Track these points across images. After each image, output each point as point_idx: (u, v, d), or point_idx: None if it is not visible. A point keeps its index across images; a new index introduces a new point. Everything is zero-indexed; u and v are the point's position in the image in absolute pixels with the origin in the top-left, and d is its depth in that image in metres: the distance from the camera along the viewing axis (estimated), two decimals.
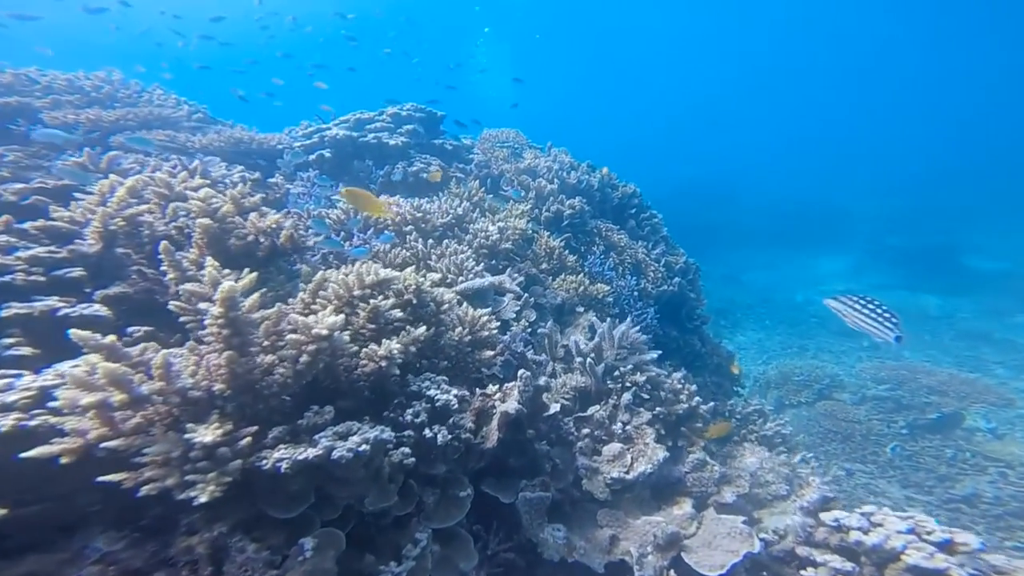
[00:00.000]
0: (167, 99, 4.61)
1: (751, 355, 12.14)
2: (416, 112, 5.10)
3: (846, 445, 7.56)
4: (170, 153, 3.44)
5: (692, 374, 5.34)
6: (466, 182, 4.61)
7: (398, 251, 3.25)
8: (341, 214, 3.39)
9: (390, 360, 1.73)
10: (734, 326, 13.92)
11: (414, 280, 2.33)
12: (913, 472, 6.90)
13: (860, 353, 11.18)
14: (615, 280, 4.62)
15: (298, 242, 2.17)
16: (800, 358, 11.57)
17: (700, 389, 5.34)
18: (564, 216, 4.75)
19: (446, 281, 3.21)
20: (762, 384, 9.58)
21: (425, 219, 3.55)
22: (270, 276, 2.04)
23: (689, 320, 5.35)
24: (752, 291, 15.73)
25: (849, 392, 8.77)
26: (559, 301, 4.01)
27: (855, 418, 7.95)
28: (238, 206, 2.06)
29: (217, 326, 1.33)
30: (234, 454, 1.24)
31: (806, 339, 12.48)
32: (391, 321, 2.10)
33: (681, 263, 5.25)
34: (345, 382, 1.73)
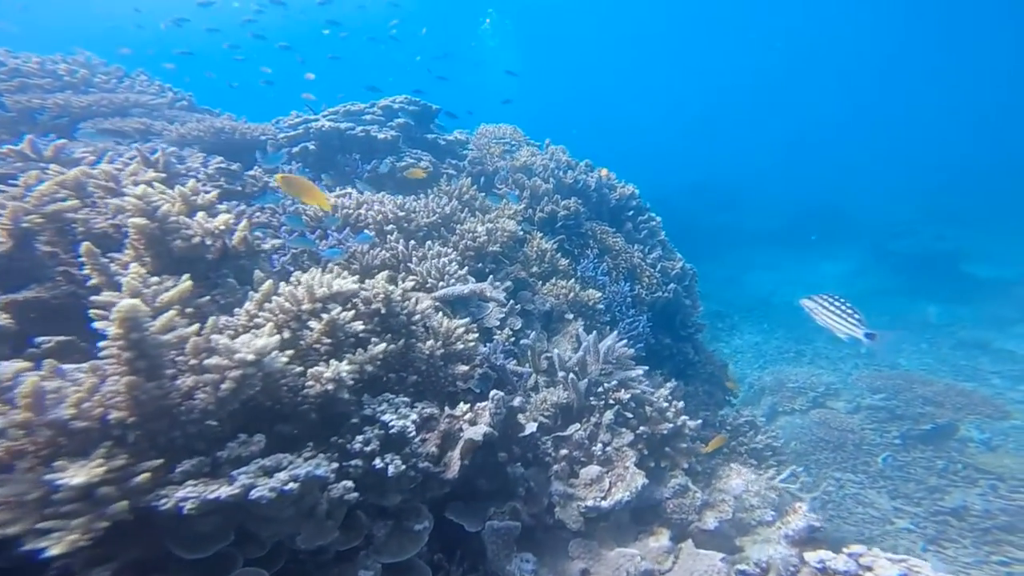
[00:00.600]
0: (150, 85, 4.40)
1: (747, 359, 11.92)
2: (409, 105, 4.86)
3: (838, 454, 7.36)
4: (143, 142, 3.24)
5: (684, 383, 5.14)
6: (458, 179, 4.38)
7: (376, 252, 3.04)
8: (319, 210, 3.18)
9: (338, 383, 1.53)
10: (732, 329, 13.67)
11: (383, 288, 2.12)
12: (903, 483, 6.70)
13: (856, 360, 10.93)
14: (608, 286, 4.40)
15: (253, 245, 1.96)
16: (796, 363, 11.33)
17: (692, 398, 5.15)
18: (558, 217, 4.51)
19: (426, 286, 3.00)
20: (757, 390, 9.36)
21: (409, 218, 3.33)
22: (221, 282, 1.84)
23: (683, 328, 5.13)
24: (752, 294, 15.44)
25: (844, 400, 8.55)
26: (548, 307, 3.80)
27: (848, 427, 7.74)
28: (188, 204, 1.85)
29: (117, 348, 1.14)
30: (122, 493, 1.06)
31: (803, 344, 12.23)
32: (352, 335, 1.90)
33: (678, 269, 5.02)
34: (288, 405, 1.54)
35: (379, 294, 2.11)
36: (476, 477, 2.27)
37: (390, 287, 2.14)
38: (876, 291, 13.81)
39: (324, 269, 2.48)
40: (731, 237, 19.02)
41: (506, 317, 3.30)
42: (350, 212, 3.24)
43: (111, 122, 3.29)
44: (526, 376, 2.96)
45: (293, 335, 1.63)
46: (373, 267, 3.01)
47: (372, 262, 2.99)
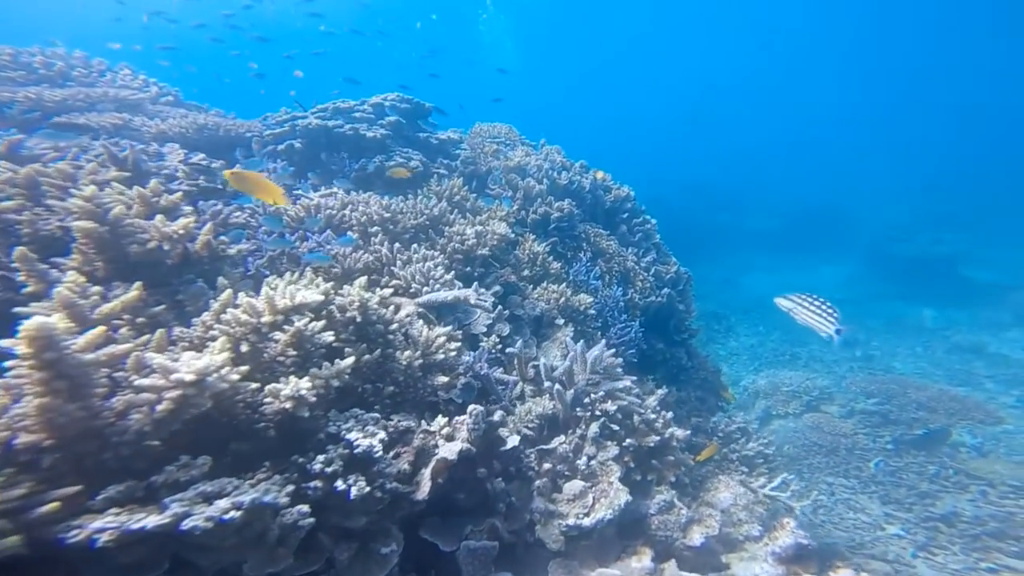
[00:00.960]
0: (134, 80, 4.26)
1: (743, 361, 11.80)
2: (400, 103, 4.72)
3: (830, 459, 7.25)
4: (120, 138, 3.11)
5: (677, 388, 5.02)
6: (449, 179, 4.25)
7: (359, 255, 2.91)
8: (300, 211, 3.05)
9: (298, 401, 1.41)
10: (728, 331, 13.56)
11: (358, 296, 2.00)
12: (894, 488, 6.59)
13: (852, 364, 10.84)
14: (600, 290, 4.27)
15: (217, 250, 1.84)
16: (791, 366, 11.22)
17: (684, 403, 5.03)
18: (552, 219, 4.39)
19: (409, 291, 2.88)
20: (751, 393, 9.25)
21: (395, 220, 3.20)
22: (184, 289, 1.72)
23: (677, 332, 5.01)
24: (749, 295, 15.30)
25: (838, 405, 8.44)
26: (538, 312, 3.67)
27: (842, 431, 7.64)
28: (148, 206, 1.72)
29: (27, 368, 1.02)
30: (18, 525, 0.94)
31: (799, 346, 12.12)
32: (323, 346, 1.78)
33: (672, 273, 4.89)
34: (245, 422, 1.43)
35: (354, 302, 1.99)
36: (454, 492, 2.16)
37: (366, 295, 2.02)
38: (874, 295, 13.67)
39: (300, 274, 2.35)
40: (729, 238, 18.85)
41: (494, 323, 3.18)
42: (334, 213, 3.12)
43: (86, 117, 3.15)
44: (512, 385, 2.84)
45: (253, 347, 1.51)
46: (356, 270, 2.88)
47: (355, 265, 2.86)
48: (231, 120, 4.01)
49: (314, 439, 1.62)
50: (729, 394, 5.01)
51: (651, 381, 4.64)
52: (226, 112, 5.09)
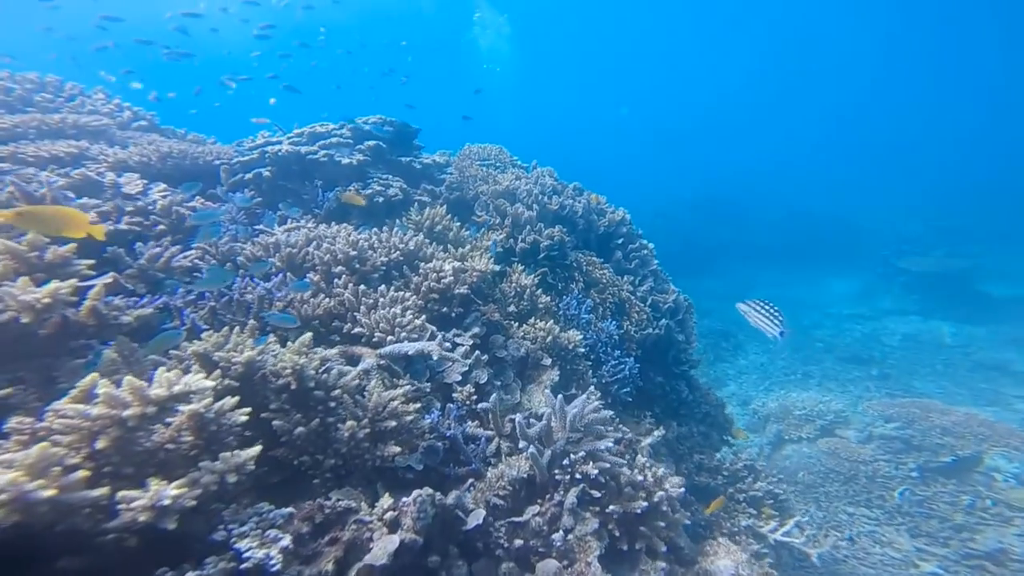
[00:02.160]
0: (107, 104, 4.12)
1: (753, 380, 11.40)
2: (384, 125, 4.52)
3: (849, 487, 6.83)
4: (74, 168, 2.92)
5: (678, 423, 4.70)
6: (431, 207, 4.02)
7: (319, 301, 2.68)
8: (258, 250, 2.83)
9: (160, 512, 1.15)
10: (736, 349, 13.16)
11: (290, 362, 1.76)
12: (925, 520, 6.16)
13: (867, 383, 10.38)
14: (592, 324, 4.00)
15: (107, 316, 1.60)
16: (803, 387, 10.79)
17: (686, 439, 4.70)
18: (541, 247, 4.13)
19: (372, 340, 2.63)
20: (761, 416, 8.86)
21: (363, 258, 2.96)
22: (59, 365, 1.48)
23: (676, 364, 4.70)
24: None
25: (855, 429, 8.01)
26: (523, 353, 3.40)
27: (860, 458, 7.21)
28: (21, 263, 1.50)
29: None
30: None
31: (811, 365, 11.69)
32: (234, 426, 1.53)
33: (670, 302, 4.60)
34: (87, 534, 1.17)
35: (286, 368, 1.74)
36: None
37: (301, 360, 1.77)
38: (887, 311, 13.20)
39: (243, 329, 2.11)
40: (736, 253, 18.43)
41: (471, 369, 2.92)
42: (295, 252, 2.89)
43: (37, 146, 2.98)
44: (486, 442, 2.57)
45: (120, 440, 1.25)
46: (315, 317, 2.65)
47: (313, 312, 2.62)
48: (199, 147, 3.83)
49: (198, 545, 1.36)
50: (742, 434, 4.70)
51: (648, 417, 4.34)
52: (207, 136, 4.95)
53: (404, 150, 4.85)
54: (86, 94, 4.55)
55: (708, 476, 4.60)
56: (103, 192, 3.14)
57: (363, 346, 2.64)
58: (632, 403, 4.13)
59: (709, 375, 11.29)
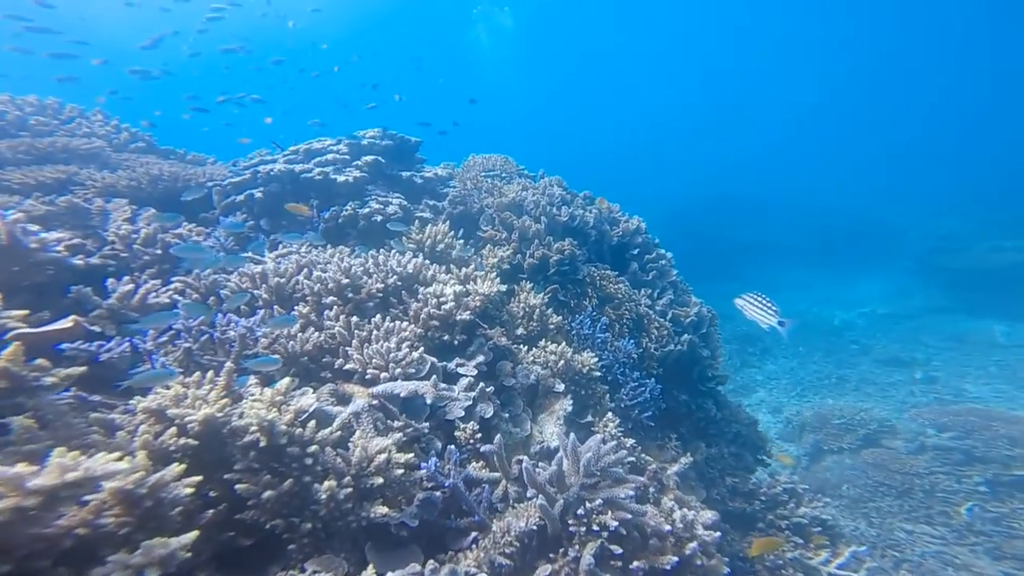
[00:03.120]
0: (104, 126, 4.08)
1: (783, 386, 10.91)
2: (382, 139, 4.36)
3: (904, 502, 6.30)
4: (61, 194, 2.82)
5: (706, 444, 4.38)
6: (433, 224, 3.83)
7: (308, 335, 2.49)
8: (245, 281, 2.66)
9: None
10: (763, 353, 12.66)
11: (256, 419, 1.56)
12: (1007, 540, 5.63)
13: (912, 387, 9.74)
14: (608, 343, 3.74)
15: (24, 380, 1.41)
16: (839, 392, 10.25)
17: (716, 461, 4.38)
18: (551, 263, 3.89)
19: (365, 377, 2.43)
20: (796, 426, 8.39)
21: (356, 286, 2.77)
22: None
23: (702, 381, 4.39)
24: (784, 313, 14.34)
25: (903, 439, 7.45)
26: (533, 380, 3.16)
27: (913, 470, 6.66)
28: None
29: None
30: None
31: (846, 368, 11.12)
32: (177, 499, 1.33)
33: (692, 315, 4.30)
34: None
35: (251, 426, 1.54)
36: None
37: (268, 416, 1.57)
38: (929, 309, 12.47)
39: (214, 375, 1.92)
40: (757, 254, 17.81)
41: (475, 403, 2.69)
42: (284, 281, 2.71)
43: (23, 172, 2.90)
44: (489, 490, 2.34)
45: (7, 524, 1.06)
46: (304, 354, 2.46)
47: (302, 348, 2.43)
48: (191, 169, 3.72)
49: None
50: (786, 459, 4.39)
51: (674, 440, 4.03)
52: (208, 157, 4.88)
53: (405, 164, 4.68)
54: (84, 115, 4.52)
55: (743, 501, 4.26)
56: (90, 219, 3.03)
57: (356, 383, 2.44)
58: (655, 425, 3.86)
59: (736, 381, 10.81)
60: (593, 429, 3.31)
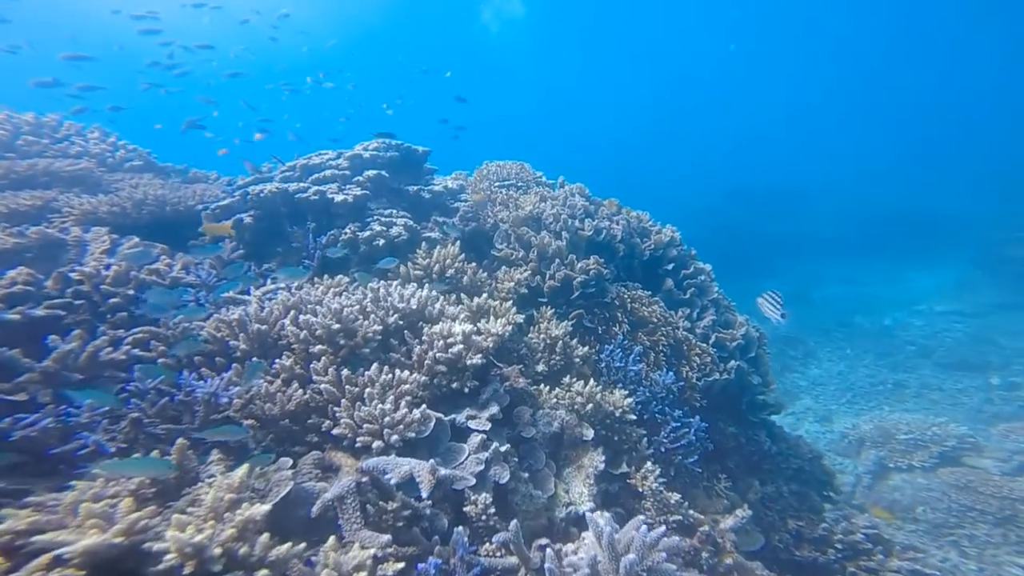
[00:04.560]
0: (101, 143, 3.88)
1: (831, 392, 10.12)
2: (385, 151, 3.99)
3: (1008, 531, 5.51)
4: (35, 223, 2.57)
5: (760, 481, 3.89)
6: (443, 244, 3.45)
7: (291, 393, 2.13)
8: (222, 329, 2.32)
9: None
10: (807, 356, 11.84)
11: (177, 544, 1.19)
12: None
13: (989, 395, 8.75)
14: (643, 377, 3.28)
15: None
16: (897, 399, 9.40)
17: (774, 501, 3.86)
18: (574, 285, 3.46)
19: (355, 445, 2.06)
20: (852, 441, 7.65)
21: (349, 331, 2.41)
22: None
23: (752, 411, 3.89)
24: (827, 312, 13.38)
25: (992, 458, 6.56)
26: (556, 427, 2.74)
27: (1014, 494, 5.83)
28: None
29: None
30: None
31: (902, 372, 10.22)
32: None
33: (739, 337, 3.79)
34: None
35: (171, 555, 1.18)
36: None
37: (199, 540, 1.20)
38: (999, 306, 11.34)
39: None
40: (793, 247, 16.73)
41: (487, 466, 2.29)
42: (266, 328, 2.36)
43: (18, 196, 2.67)
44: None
45: None
46: (286, 415, 2.10)
47: (283, 409, 2.08)
48: (180, 191, 3.43)
49: None
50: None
51: (723, 481, 3.57)
52: (210, 173, 4.66)
53: (412, 177, 4.31)
54: (82, 133, 4.33)
55: (814, 549, 3.72)
56: (65, 252, 2.76)
57: (344, 451, 2.08)
58: (699, 461, 3.39)
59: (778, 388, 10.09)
60: (629, 481, 2.87)
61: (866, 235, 16.57)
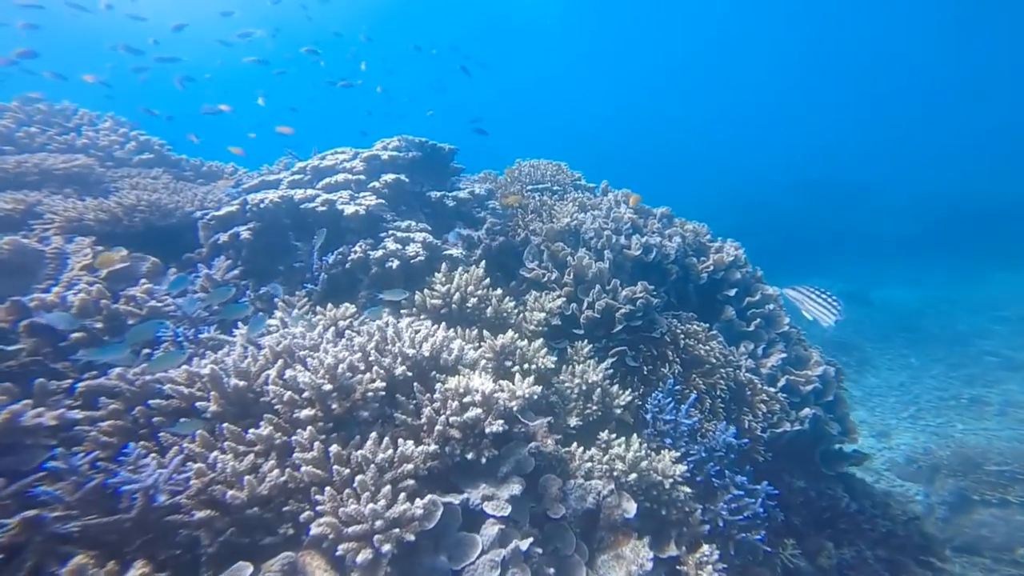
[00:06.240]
0: (111, 135, 3.60)
1: (890, 405, 9.12)
2: (406, 150, 3.49)
3: None
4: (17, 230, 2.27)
5: (835, 543, 3.28)
6: (465, 264, 2.94)
7: (268, 471, 1.72)
8: (191, 385, 1.92)
9: None
10: (862, 364, 10.77)
11: None
12: None
13: None
14: (698, 432, 2.72)
15: None
16: (974, 416, 8.33)
17: (855, 570, 3.28)
18: (617, 317, 2.90)
19: (335, 552, 1.63)
20: (924, 467, 6.76)
21: (344, 390, 1.96)
22: None
23: (828, 463, 3.25)
24: (887, 315, 12.13)
25: None
26: (591, 503, 2.25)
27: None
28: None
29: None
30: None
31: (982, 386, 9.07)
32: None
33: (815, 379, 3.13)
34: None
35: None
36: None
37: None
38: None
39: None
40: (851, 244, 15.24)
41: (504, 568, 1.82)
42: (243, 383, 1.94)
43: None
44: None
45: None
46: (256, 502, 1.69)
47: (252, 494, 1.66)
48: (178, 195, 3.05)
49: None
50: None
51: (789, 548, 3.01)
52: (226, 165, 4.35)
53: (438, 177, 3.81)
54: (94, 123, 4.07)
55: None
56: (42, 266, 2.44)
57: (323, 556, 1.65)
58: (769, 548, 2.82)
59: None
60: (680, 568, 2.36)
61: (937, 231, 14.91)
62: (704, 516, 2.53)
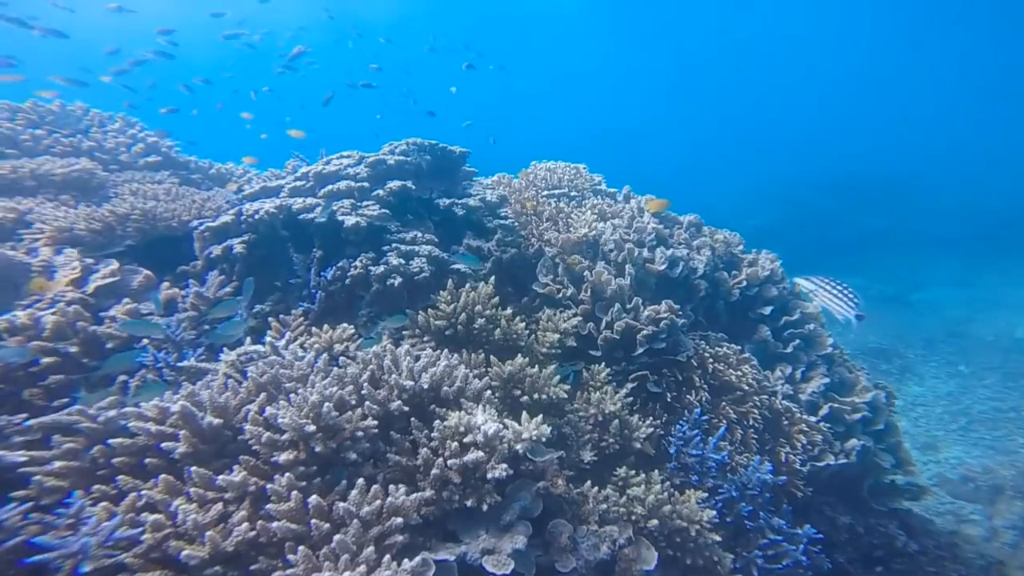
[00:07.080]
0: (120, 136, 3.54)
1: (936, 417, 8.48)
2: (414, 154, 3.28)
3: None
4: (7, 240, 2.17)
5: None
6: (473, 281, 2.71)
7: (237, 523, 1.52)
8: (159, 422, 1.75)
9: None
10: (904, 372, 10.09)
11: None
12: None
13: None
14: (728, 468, 2.43)
15: None
16: None
17: None
18: (638, 339, 2.63)
19: None
20: (983, 486, 6.22)
21: (331, 429, 1.76)
22: None
23: (878, 498, 2.90)
24: (932, 319, 11.32)
25: None
26: (605, 553, 1.99)
27: None
28: None
29: None
30: None
31: None
32: None
33: (862, 406, 2.78)
34: None
35: None
36: None
37: None
38: None
39: None
40: (890, 244, 14.31)
41: None
42: (218, 424, 1.76)
43: None
44: None
45: None
46: (220, 559, 1.50)
47: (215, 551, 1.47)
48: (176, 203, 2.91)
49: None
50: None
51: None
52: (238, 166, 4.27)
53: (448, 182, 3.58)
54: (103, 126, 4.02)
55: None
56: (30, 279, 2.33)
57: None
58: None
59: None
60: None
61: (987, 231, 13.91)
62: (736, 564, 2.25)
